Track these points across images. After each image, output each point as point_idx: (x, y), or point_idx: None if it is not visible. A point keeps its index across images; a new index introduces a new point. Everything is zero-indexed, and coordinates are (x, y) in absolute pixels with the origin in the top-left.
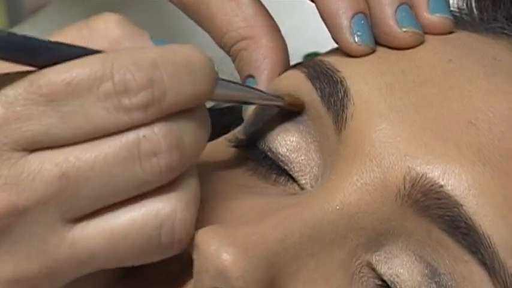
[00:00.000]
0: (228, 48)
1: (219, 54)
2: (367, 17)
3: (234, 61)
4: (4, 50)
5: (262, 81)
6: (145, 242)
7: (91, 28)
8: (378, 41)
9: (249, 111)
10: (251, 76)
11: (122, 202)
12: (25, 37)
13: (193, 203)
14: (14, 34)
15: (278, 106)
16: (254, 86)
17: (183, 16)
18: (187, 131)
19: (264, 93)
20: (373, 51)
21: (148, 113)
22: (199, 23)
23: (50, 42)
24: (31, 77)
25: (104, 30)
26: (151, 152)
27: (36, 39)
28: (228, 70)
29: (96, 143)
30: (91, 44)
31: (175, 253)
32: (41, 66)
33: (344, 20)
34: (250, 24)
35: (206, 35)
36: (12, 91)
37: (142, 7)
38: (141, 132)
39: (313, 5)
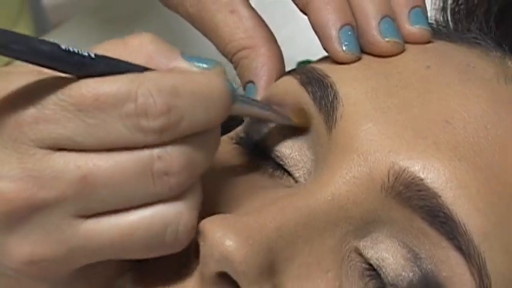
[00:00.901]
0: (230, 56)
1: (221, 61)
2: (354, 28)
3: (235, 68)
4: (48, 61)
5: (261, 86)
6: (151, 239)
7: (126, 44)
8: (364, 49)
9: None
10: (251, 82)
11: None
12: (69, 51)
13: (196, 208)
14: (58, 47)
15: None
16: (261, 101)
17: (190, 27)
18: (198, 151)
19: (277, 112)
20: (359, 59)
21: (163, 136)
22: (204, 33)
23: (90, 57)
24: (66, 86)
25: (138, 46)
26: (164, 171)
27: (79, 54)
28: (230, 76)
29: (115, 154)
30: (126, 59)
31: (177, 251)
32: (79, 76)
33: (333, 31)
34: (250, 35)
35: (211, 43)
36: (46, 95)
37: (155, 19)
38: (156, 152)
39: (306, 17)
